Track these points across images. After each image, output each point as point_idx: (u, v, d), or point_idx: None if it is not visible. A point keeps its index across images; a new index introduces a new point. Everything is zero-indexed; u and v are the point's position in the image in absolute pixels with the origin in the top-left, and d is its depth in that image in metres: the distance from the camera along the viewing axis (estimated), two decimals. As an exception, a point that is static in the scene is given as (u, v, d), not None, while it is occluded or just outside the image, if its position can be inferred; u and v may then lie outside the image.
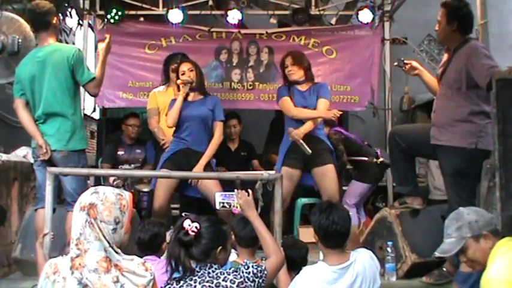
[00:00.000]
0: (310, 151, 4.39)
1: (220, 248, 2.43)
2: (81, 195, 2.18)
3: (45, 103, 3.81)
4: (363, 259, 2.76)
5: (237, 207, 3.14)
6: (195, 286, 2.35)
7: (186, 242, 2.41)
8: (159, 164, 4.56)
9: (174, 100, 4.60)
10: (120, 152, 5.65)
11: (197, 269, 2.40)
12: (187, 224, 2.43)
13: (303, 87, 4.67)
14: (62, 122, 3.81)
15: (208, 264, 2.41)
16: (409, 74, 4.16)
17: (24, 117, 3.88)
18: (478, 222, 2.53)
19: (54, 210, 3.41)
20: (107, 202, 2.09)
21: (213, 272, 2.38)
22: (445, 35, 3.75)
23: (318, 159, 4.52)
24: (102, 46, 4.02)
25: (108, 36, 4.07)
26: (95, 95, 4.25)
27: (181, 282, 2.37)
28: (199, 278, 2.37)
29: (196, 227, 2.42)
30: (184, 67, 4.61)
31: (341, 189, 5.06)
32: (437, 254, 2.66)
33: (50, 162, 3.72)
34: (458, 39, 3.67)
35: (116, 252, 2.10)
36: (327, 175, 4.52)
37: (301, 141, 4.40)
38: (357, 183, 5.24)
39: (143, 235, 3.25)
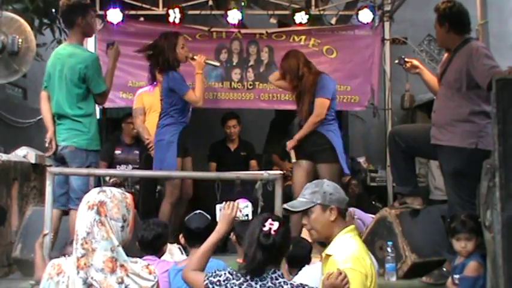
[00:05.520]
0: (294, 160, 4.59)
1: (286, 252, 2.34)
2: (84, 194, 2.17)
3: (56, 103, 3.87)
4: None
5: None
6: None
7: (268, 245, 2.24)
8: (173, 149, 4.40)
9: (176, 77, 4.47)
10: (118, 152, 5.66)
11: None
12: (269, 224, 2.26)
13: None
14: (72, 122, 3.84)
15: (272, 269, 2.27)
16: (410, 72, 4.17)
17: (44, 109, 3.98)
18: (332, 196, 2.60)
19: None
20: (115, 200, 2.09)
21: (276, 279, 2.24)
22: (441, 38, 3.79)
23: (318, 156, 4.53)
24: (110, 53, 4.06)
25: (116, 42, 4.08)
26: (101, 104, 4.31)
27: (242, 279, 2.25)
28: (260, 281, 2.23)
29: (276, 227, 2.27)
30: (183, 41, 4.62)
31: None
32: (286, 206, 2.72)
33: (63, 160, 3.80)
34: (457, 40, 3.67)
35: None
36: (320, 173, 4.49)
37: (291, 151, 4.59)
38: None
39: (147, 234, 3.23)
